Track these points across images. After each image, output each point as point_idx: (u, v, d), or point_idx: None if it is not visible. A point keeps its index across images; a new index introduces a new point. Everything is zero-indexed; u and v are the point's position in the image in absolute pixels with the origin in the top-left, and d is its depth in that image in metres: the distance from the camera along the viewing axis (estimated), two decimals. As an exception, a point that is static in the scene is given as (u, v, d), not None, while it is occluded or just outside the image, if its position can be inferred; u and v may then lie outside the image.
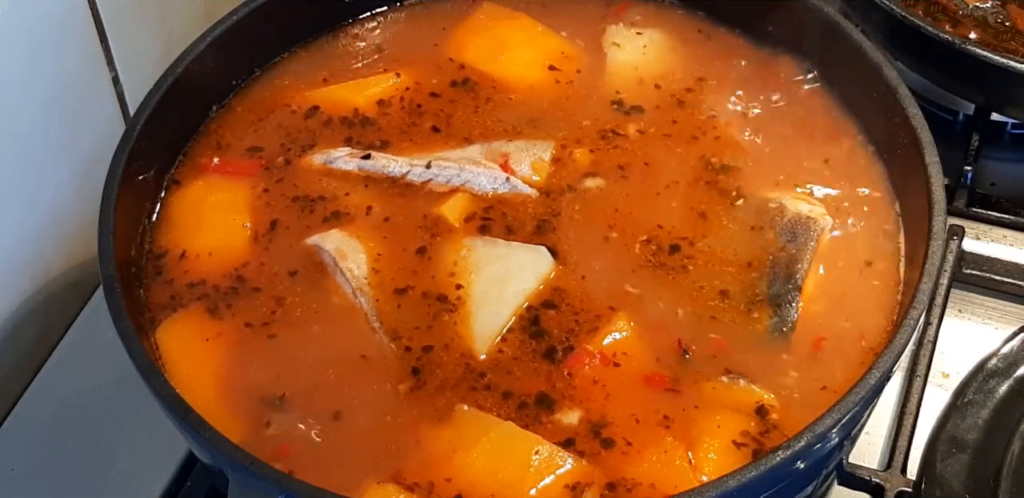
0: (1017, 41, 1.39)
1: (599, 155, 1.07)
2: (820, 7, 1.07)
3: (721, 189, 1.05)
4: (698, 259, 1.00)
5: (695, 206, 1.03)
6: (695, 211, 1.03)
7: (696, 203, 1.04)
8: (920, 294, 0.90)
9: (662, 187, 1.05)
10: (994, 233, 1.33)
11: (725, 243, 1.01)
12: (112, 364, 0.98)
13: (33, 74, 1.17)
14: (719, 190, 1.04)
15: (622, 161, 1.07)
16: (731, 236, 1.02)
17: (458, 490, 0.88)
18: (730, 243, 1.01)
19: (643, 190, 1.05)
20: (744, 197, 1.04)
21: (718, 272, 0.99)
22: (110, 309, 0.90)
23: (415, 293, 0.99)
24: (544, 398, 0.93)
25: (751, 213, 1.03)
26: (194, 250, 1.02)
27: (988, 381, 1.17)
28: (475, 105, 1.11)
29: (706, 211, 1.03)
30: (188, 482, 1.16)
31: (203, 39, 1.07)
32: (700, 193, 1.04)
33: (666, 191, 1.05)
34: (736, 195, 1.04)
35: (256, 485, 0.83)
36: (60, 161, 1.26)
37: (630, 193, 1.04)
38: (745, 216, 1.03)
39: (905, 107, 1.00)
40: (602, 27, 1.16)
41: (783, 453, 0.82)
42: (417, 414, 0.92)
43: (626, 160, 1.07)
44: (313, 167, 1.07)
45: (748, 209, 1.03)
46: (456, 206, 1.04)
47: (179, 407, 0.86)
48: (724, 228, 1.02)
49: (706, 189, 1.05)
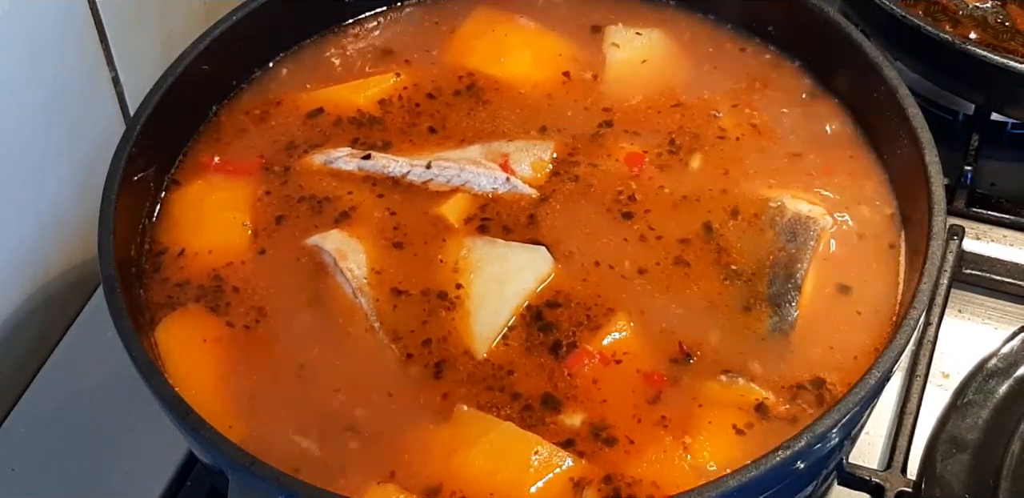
0: (1017, 41, 1.39)
1: (599, 155, 1.07)
2: (820, 7, 1.07)
3: (721, 189, 1.05)
4: (698, 259, 1.00)
5: (695, 206, 1.04)
6: (695, 211, 1.03)
7: (696, 203, 1.04)
8: (920, 294, 0.90)
9: (662, 187, 1.05)
10: (994, 233, 1.33)
11: (724, 243, 1.01)
12: (112, 364, 0.98)
13: (33, 74, 1.17)
14: (719, 190, 1.04)
15: (622, 161, 1.06)
16: (731, 236, 1.02)
17: (458, 490, 0.88)
18: (729, 243, 1.01)
19: (643, 190, 1.05)
20: (744, 197, 1.04)
21: (718, 272, 0.99)
22: (110, 309, 0.90)
23: (415, 293, 0.99)
24: (549, 399, 0.93)
25: (751, 213, 1.03)
26: (194, 248, 1.02)
27: (988, 381, 1.17)
28: (475, 106, 1.11)
29: (706, 211, 1.03)
30: (188, 482, 1.16)
31: (203, 39, 1.07)
32: (700, 193, 1.04)
33: (666, 191, 1.05)
34: (736, 195, 1.04)
35: (256, 485, 0.83)
36: (60, 161, 1.26)
37: (630, 193, 1.04)
38: (745, 216, 1.03)
39: (905, 107, 1.00)
40: (601, 27, 1.16)
41: (783, 453, 0.82)
42: (417, 414, 0.92)
43: (626, 160, 1.07)
44: (313, 167, 1.07)
45: (748, 209, 1.03)
46: (456, 206, 1.04)
47: (179, 407, 0.86)
48: (724, 228, 1.02)
49: (706, 189, 1.05)
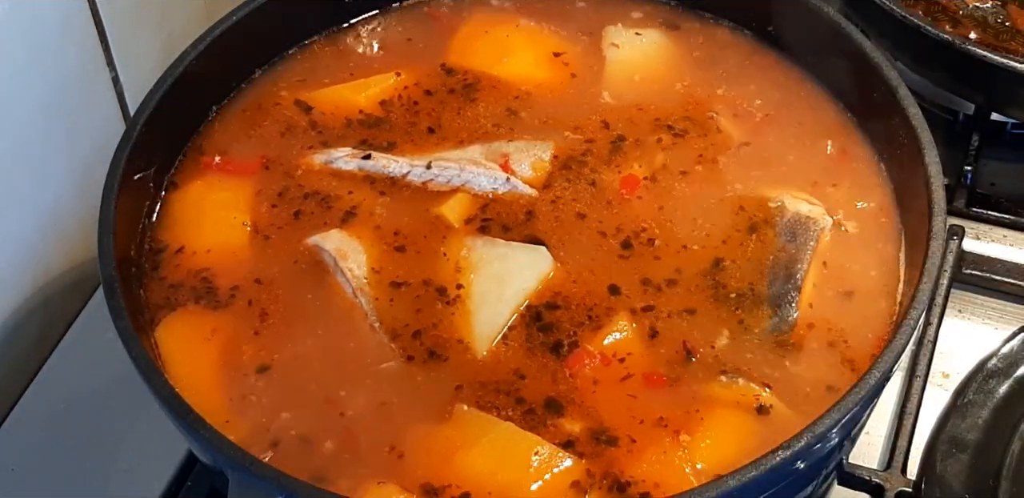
0: (1017, 41, 1.39)
1: (599, 155, 1.07)
2: (820, 7, 1.07)
3: (721, 189, 1.05)
4: (698, 259, 1.00)
5: (695, 206, 1.04)
6: (695, 211, 1.03)
7: (696, 203, 1.04)
8: (920, 294, 0.90)
9: (662, 188, 1.05)
10: (994, 233, 1.33)
11: (724, 243, 1.01)
12: (112, 364, 0.97)
13: (33, 74, 1.17)
14: (719, 190, 1.04)
15: (622, 162, 1.07)
16: (731, 236, 1.02)
17: (458, 490, 0.88)
18: (729, 243, 1.01)
19: (643, 190, 1.05)
20: (744, 197, 1.04)
21: (717, 272, 0.99)
22: (110, 309, 0.90)
23: (415, 293, 0.99)
24: (549, 399, 0.93)
25: (751, 213, 1.03)
26: (194, 248, 1.02)
27: (988, 381, 1.17)
28: (475, 106, 1.11)
29: (706, 211, 1.03)
30: (188, 482, 1.16)
31: (203, 39, 1.07)
32: (700, 193, 1.04)
33: (666, 192, 1.05)
34: (736, 195, 1.04)
35: (256, 485, 0.83)
36: (60, 161, 1.26)
37: (630, 193, 1.04)
38: (745, 216, 1.03)
39: (905, 107, 1.00)
40: (601, 28, 1.16)
41: (783, 453, 0.82)
42: (417, 414, 0.92)
43: (626, 161, 1.07)
44: (314, 167, 1.07)
45: (748, 209, 1.03)
46: (456, 206, 1.04)
47: (179, 407, 0.86)
48: (724, 228, 1.02)
49: (706, 189, 1.05)
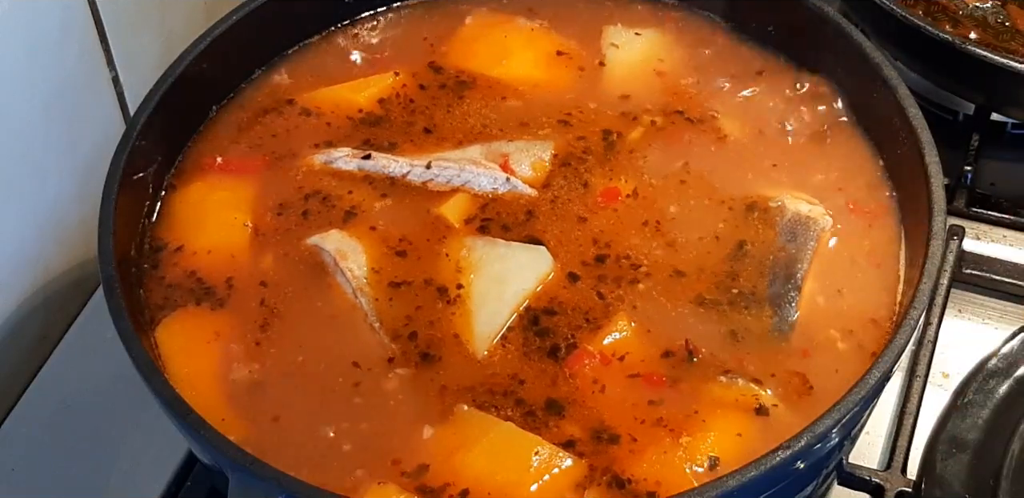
0: (1017, 41, 1.39)
1: (599, 155, 1.07)
2: (820, 7, 1.07)
3: (721, 189, 1.05)
4: (698, 259, 1.00)
5: (695, 206, 1.04)
6: (695, 211, 1.03)
7: (696, 203, 1.04)
8: (920, 294, 0.90)
9: (661, 188, 1.05)
10: (994, 233, 1.33)
11: (724, 243, 1.01)
12: (112, 364, 0.97)
13: (33, 74, 1.17)
14: (719, 190, 1.05)
15: (621, 162, 1.07)
16: (731, 236, 1.02)
17: (458, 490, 0.88)
18: (729, 243, 1.01)
19: (643, 190, 1.05)
20: (743, 197, 1.04)
21: (718, 272, 0.99)
22: (110, 309, 0.90)
23: (415, 293, 0.99)
24: (549, 399, 0.92)
25: (751, 213, 1.03)
26: (194, 248, 1.02)
27: (988, 381, 1.17)
28: (474, 106, 1.11)
29: (706, 211, 1.03)
30: (188, 482, 1.16)
31: (203, 39, 1.07)
32: (700, 193, 1.04)
33: (666, 192, 1.05)
34: (736, 195, 1.04)
35: (256, 485, 0.83)
36: (60, 161, 1.25)
37: (629, 193, 1.04)
38: (745, 216, 1.03)
39: (905, 107, 1.00)
40: (600, 28, 1.16)
41: (783, 453, 0.82)
42: (417, 414, 0.92)
43: (626, 161, 1.07)
44: (314, 167, 1.07)
45: (748, 209, 1.03)
46: (456, 206, 1.04)
47: (179, 407, 0.86)
48: (724, 228, 1.02)
49: (705, 189, 1.05)
